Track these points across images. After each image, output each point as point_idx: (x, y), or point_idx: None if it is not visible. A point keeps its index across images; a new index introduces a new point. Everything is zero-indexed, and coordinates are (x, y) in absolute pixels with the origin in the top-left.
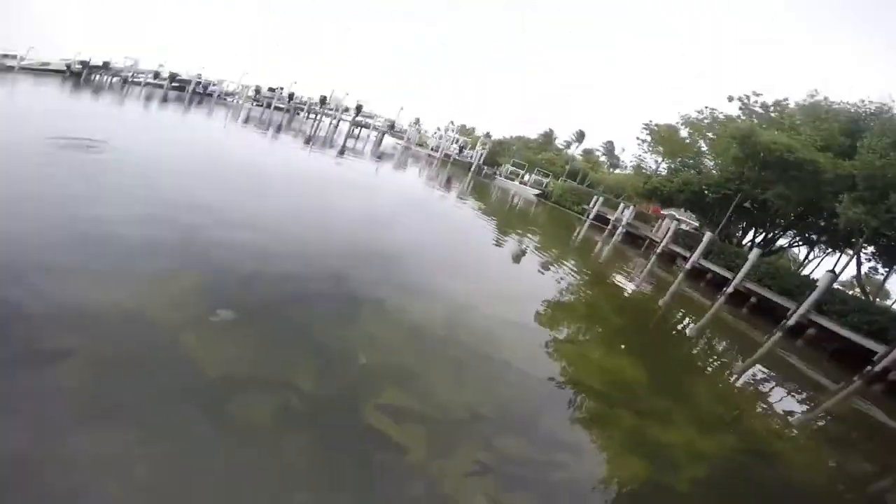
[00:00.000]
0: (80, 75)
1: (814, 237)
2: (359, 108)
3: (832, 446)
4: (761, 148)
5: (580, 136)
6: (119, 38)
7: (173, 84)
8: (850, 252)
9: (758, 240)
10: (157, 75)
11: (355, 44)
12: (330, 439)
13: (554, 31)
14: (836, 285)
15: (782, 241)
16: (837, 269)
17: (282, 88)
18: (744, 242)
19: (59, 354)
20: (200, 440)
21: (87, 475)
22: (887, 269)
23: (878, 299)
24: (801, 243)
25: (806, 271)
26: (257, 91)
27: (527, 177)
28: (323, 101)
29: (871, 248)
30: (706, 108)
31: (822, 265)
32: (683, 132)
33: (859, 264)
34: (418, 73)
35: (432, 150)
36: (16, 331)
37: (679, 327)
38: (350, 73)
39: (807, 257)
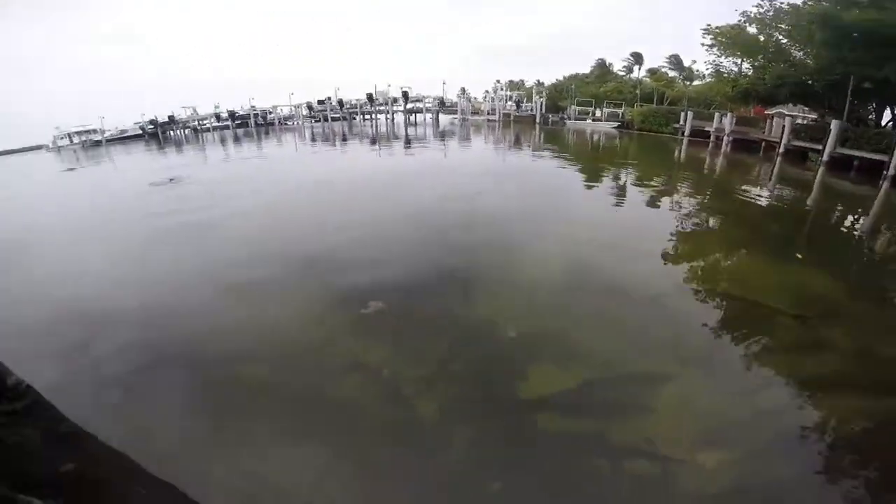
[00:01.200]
0: (155, 134)
1: None
2: (405, 95)
3: None
4: (851, 28)
5: (638, 58)
6: (164, 89)
7: (236, 122)
8: None
9: None
10: (218, 117)
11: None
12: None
13: None
14: None
15: None
16: None
17: (329, 98)
18: (882, 123)
19: (235, 360)
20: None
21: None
22: None
23: None
24: None
25: None
26: (310, 108)
27: (598, 112)
28: (370, 98)
29: None
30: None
31: None
32: (751, 29)
33: None
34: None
35: (489, 113)
36: (191, 340)
37: (846, 225)
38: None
39: None
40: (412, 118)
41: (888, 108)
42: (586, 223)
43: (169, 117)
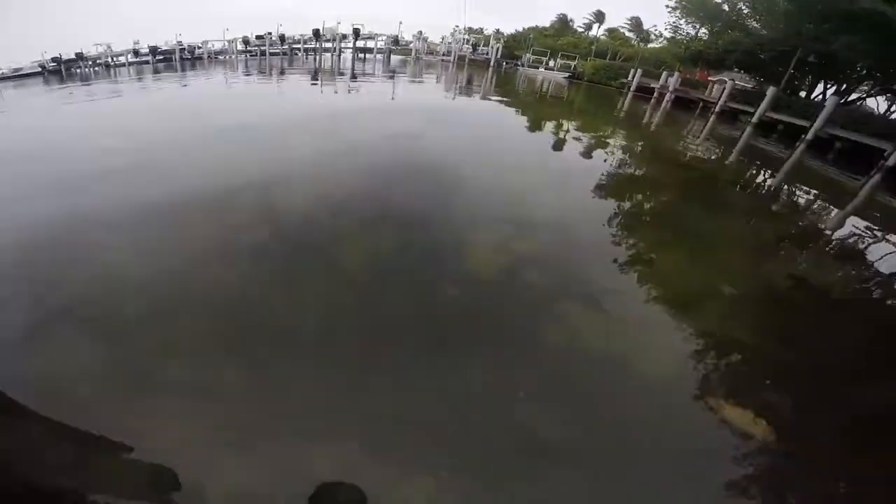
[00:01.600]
0: (59, 72)
1: None
2: (357, 32)
3: None
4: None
5: (600, 17)
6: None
7: (158, 57)
8: None
9: (829, 93)
10: (136, 53)
11: None
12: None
13: None
14: None
15: (857, 95)
16: None
17: (269, 33)
18: (812, 97)
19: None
20: None
21: None
22: None
23: None
24: (881, 93)
25: None
26: (246, 42)
27: (552, 62)
28: (317, 34)
29: None
30: None
31: None
32: None
33: None
34: None
35: (444, 55)
36: None
37: (756, 182)
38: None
39: (889, 109)
40: (362, 56)
41: (822, 83)
42: (518, 170)
43: (77, 54)
